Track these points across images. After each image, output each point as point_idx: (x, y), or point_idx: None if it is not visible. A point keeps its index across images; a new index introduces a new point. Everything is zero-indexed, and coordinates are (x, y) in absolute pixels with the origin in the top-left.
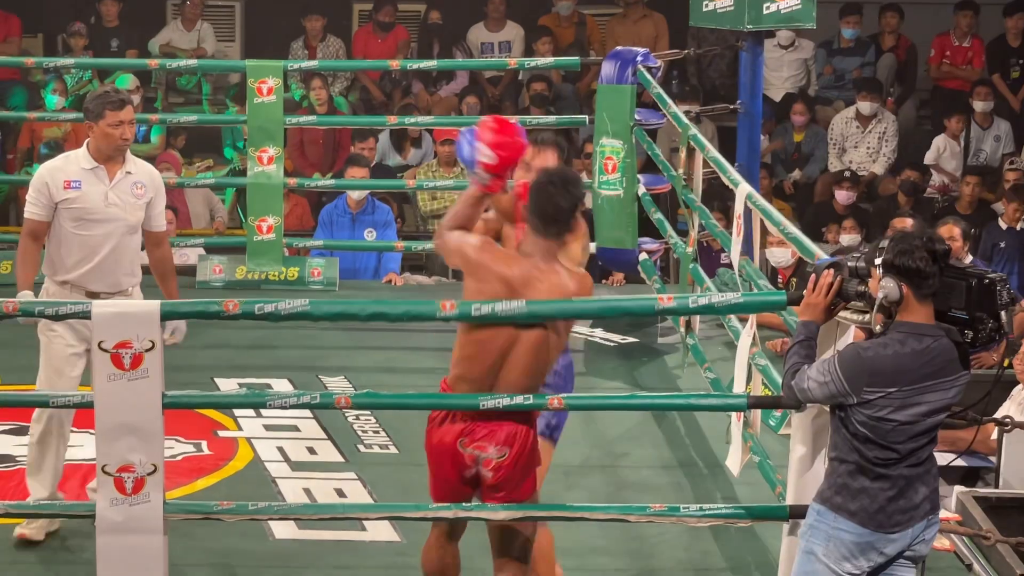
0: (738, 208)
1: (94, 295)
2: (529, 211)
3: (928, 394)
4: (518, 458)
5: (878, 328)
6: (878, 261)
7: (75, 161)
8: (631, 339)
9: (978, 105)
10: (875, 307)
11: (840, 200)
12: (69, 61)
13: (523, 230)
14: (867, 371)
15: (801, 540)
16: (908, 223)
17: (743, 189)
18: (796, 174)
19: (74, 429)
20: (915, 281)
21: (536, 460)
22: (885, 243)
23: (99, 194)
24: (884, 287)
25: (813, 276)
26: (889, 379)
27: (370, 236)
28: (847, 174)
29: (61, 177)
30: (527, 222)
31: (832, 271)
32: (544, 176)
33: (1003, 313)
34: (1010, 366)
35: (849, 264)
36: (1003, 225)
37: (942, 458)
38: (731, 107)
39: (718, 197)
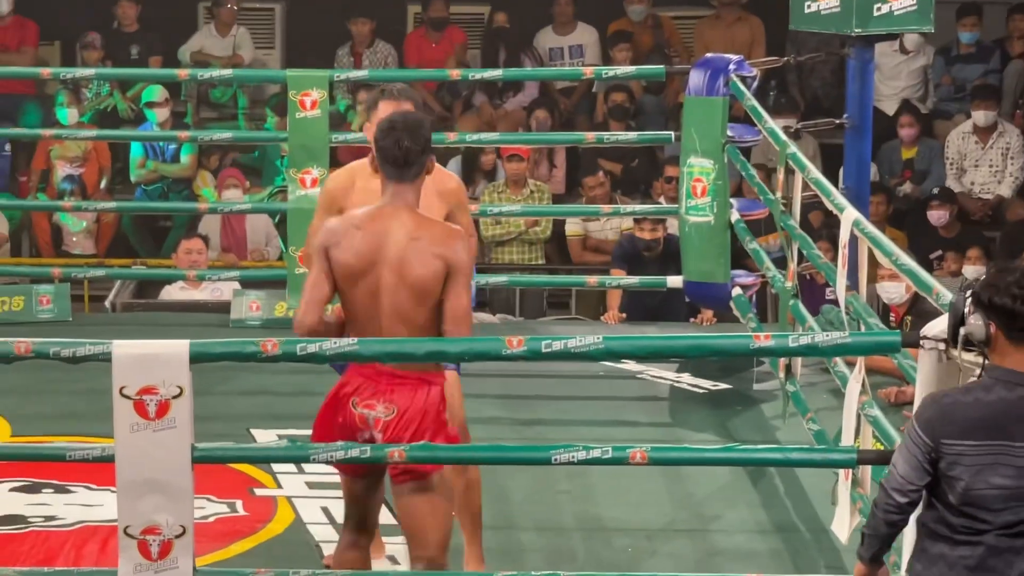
0: (843, 236)
1: None
2: (378, 158)
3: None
4: (409, 419)
5: (976, 372)
6: (968, 294)
7: None
8: (723, 385)
9: None
10: (958, 346)
11: (933, 221)
12: (89, 72)
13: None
14: (943, 419)
15: None
16: None
17: (849, 215)
18: (907, 187)
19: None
20: (1005, 320)
21: (443, 432)
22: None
23: None
24: (970, 325)
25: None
26: (968, 430)
27: None
28: (935, 191)
29: None
30: (379, 171)
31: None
32: (386, 121)
33: None
34: None
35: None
36: None
37: None
38: (837, 122)
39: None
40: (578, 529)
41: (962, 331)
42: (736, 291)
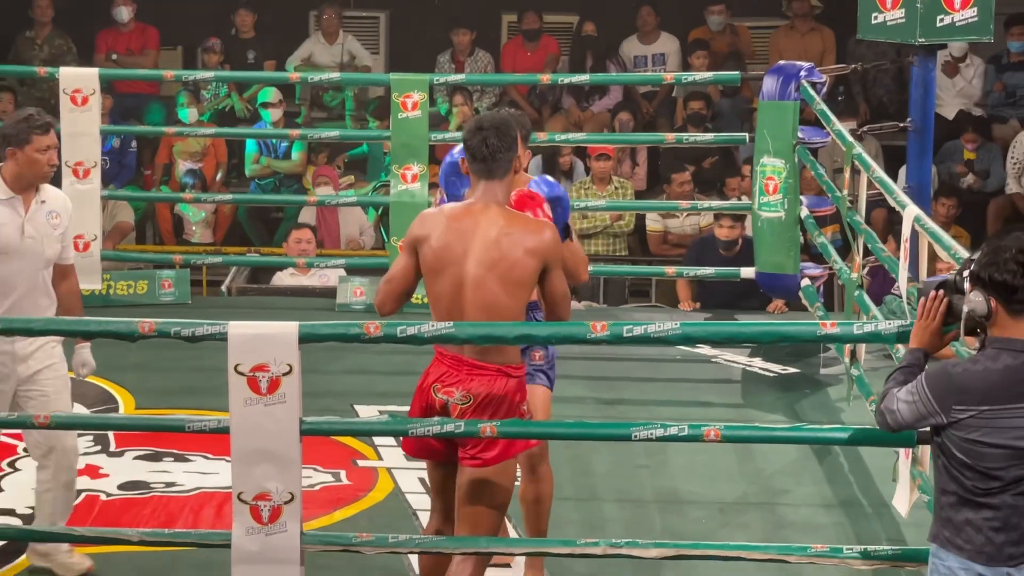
0: (905, 231)
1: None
2: (467, 157)
3: None
4: (484, 407)
5: (975, 345)
6: (966, 274)
7: None
8: (792, 370)
9: None
10: (962, 322)
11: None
12: (208, 74)
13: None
14: (955, 388)
15: None
16: None
17: (911, 211)
18: (970, 178)
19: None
20: (1004, 295)
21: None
22: (978, 254)
23: (15, 227)
24: (971, 301)
25: (922, 300)
26: (979, 397)
27: None
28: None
29: None
30: (469, 170)
31: (941, 291)
32: (475, 121)
33: None
34: None
35: (950, 279)
36: None
37: None
38: (901, 125)
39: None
40: (655, 501)
41: (965, 308)
42: (805, 282)
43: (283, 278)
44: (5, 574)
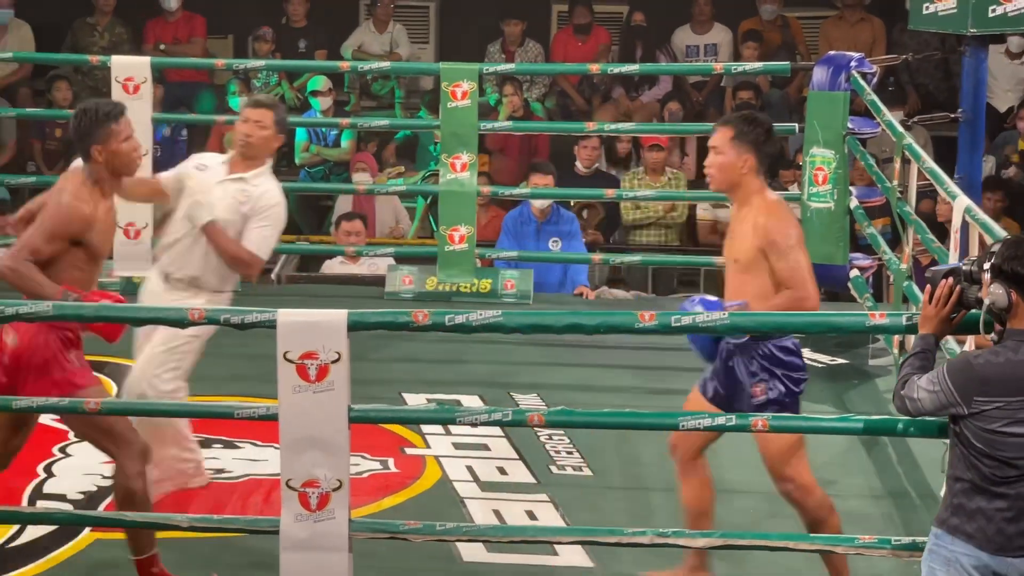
0: (955, 222)
1: None
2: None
3: None
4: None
5: (994, 337)
6: (987, 266)
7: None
8: (840, 360)
9: None
10: (981, 315)
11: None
12: (259, 63)
13: None
14: (977, 379)
15: (923, 565)
16: None
17: (961, 202)
18: (1011, 171)
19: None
20: None
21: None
22: (997, 247)
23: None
24: (992, 293)
25: (928, 287)
26: (1000, 388)
27: (555, 246)
28: None
29: None
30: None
31: (951, 279)
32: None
33: None
34: None
35: (964, 269)
36: None
37: None
38: (951, 116)
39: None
40: None
41: (986, 300)
42: (854, 272)
43: (332, 266)
44: (60, 556)
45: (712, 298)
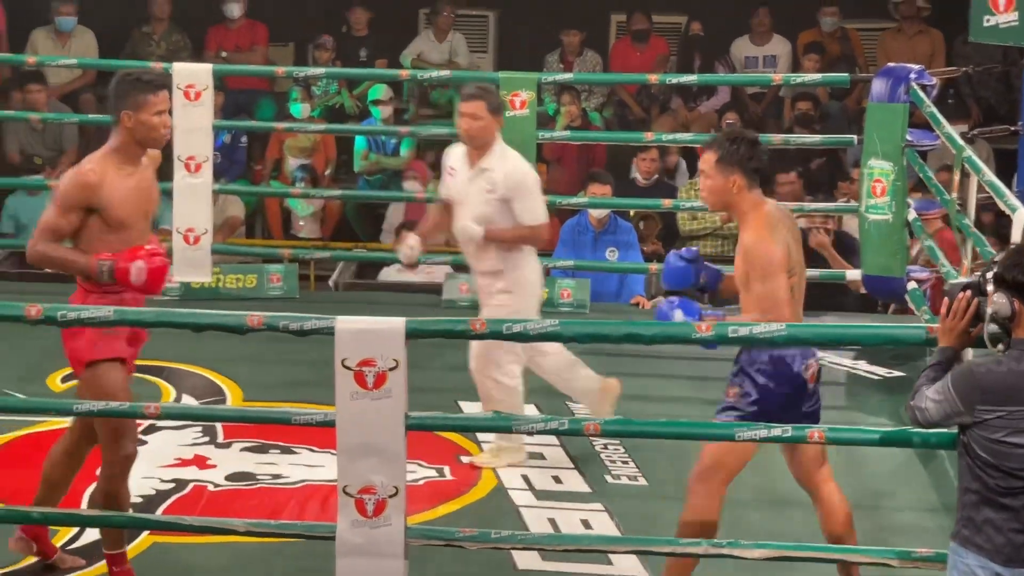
0: (1015, 235)
1: None
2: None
3: None
4: None
5: (1001, 347)
6: (990, 275)
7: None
8: (897, 373)
9: None
10: (986, 323)
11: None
12: (319, 71)
13: None
14: (978, 388)
15: None
16: None
17: (1021, 215)
18: None
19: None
20: None
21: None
22: (1000, 256)
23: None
24: (995, 303)
25: (946, 300)
26: (1002, 397)
27: (612, 256)
28: None
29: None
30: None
31: (968, 292)
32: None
33: None
34: None
35: (974, 282)
36: None
37: None
38: (1012, 128)
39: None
40: (756, 501)
41: (989, 309)
42: (911, 285)
43: (390, 274)
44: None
45: (695, 303)
